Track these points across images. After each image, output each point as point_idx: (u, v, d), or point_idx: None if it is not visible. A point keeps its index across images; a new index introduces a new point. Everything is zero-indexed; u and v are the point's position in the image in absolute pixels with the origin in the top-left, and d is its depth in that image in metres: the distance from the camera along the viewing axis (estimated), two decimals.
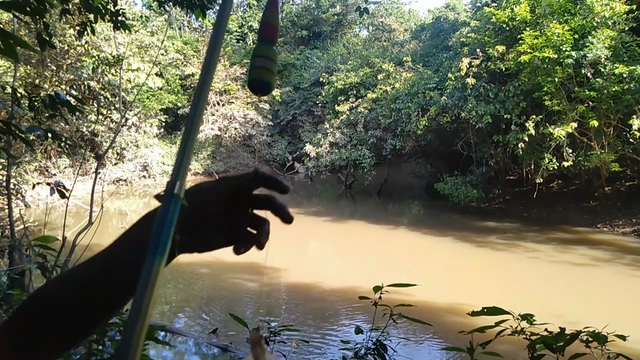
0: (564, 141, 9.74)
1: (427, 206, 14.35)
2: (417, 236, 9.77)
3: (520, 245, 8.52)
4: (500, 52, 10.84)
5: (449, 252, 8.39)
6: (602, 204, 10.81)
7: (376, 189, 16.88)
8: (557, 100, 9.80)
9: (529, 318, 1.54)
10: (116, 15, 3.04)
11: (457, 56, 13.07)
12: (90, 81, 11.22)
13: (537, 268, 7.15)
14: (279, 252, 8.25)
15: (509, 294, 5.94)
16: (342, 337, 4.43)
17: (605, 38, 9.03)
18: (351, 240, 9.40)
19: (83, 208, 10.78)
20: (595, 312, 5.12)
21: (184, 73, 20.56)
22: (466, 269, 7.41)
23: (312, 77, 21.91)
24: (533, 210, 11.86)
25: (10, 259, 3.30)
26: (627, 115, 9.13)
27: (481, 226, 10.46)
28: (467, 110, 11.41)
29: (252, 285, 6.45)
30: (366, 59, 18.88)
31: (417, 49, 19.99)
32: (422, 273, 6.97)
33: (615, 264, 7.27)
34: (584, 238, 9.12)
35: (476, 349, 1.54)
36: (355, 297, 4.23)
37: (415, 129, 12.97)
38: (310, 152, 17.10)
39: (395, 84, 15.01)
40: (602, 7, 9.37)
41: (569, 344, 1.37)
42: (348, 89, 17.65)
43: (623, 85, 8.65)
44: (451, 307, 5.17)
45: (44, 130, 2.22)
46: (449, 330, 4.42)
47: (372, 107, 15.76)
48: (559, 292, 6.17)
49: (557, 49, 9.20)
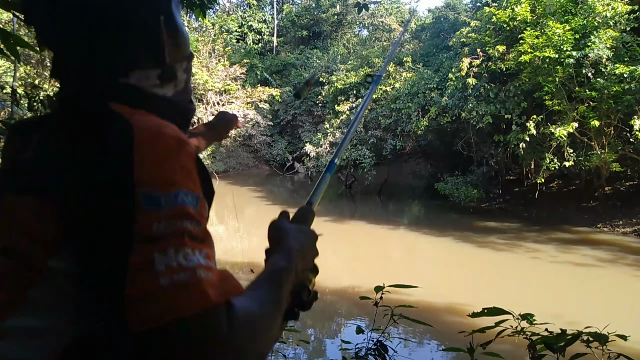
0: (565, 141, 9.74)
1: (428, 206, 14.35)
2: (418, 236, 9.77)
3: (520, 245, 8.52)
4: (501, 52, 10.84)
5: (450, 251, 8.38)
6: (602, 204, 10.80)
7: (376, 189, 16.88)
8: (558, 100, 9.80)
9: (529, 318, 1.54)
10: None
11: (458, 56, 13.06)
12: None
13: (537, 268, 7.15)
14: None
15: (510, 294, 5.94)
16: (343, 337, 4.43)
17: (607, 38, 9.03)
18: (351, 240, 9.39)
19: None
20: (595, 312, 5.12)
21: None
22: (466, 269, 7.41)
23: None
24: (533, 210, 11.86)
25: None
26: (628, 115, 9.13)
27: (481, 226, 10.45)
28: (467, 111, 11.40)
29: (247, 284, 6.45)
30: (366, 59, 18.87)
31: (417, 49, 19.98)
32: (423, 273, 6.97)
33: (616, 264, 7.26)
34: (585, 238, 9.12)
35: (476, 350, 1.54)
36: (356, 297, 4.23)
37: (416, 129, 12.96)
38: (310, 152, 17.09)
39: (396, 84, 15.00)
40: (604, 7, 9.37)
41: (570, 344, 1.36)
42: (348, 89, 17.64)
43: (624, 85, 8.65)
44: (451, 307, 5.17)
45: None
46: (449, 331, 4.42)
47: (372, 107, 15.74)
48: (560, 292, 6.17)
49: (557, 49, 9.19)
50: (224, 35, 24.81)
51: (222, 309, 0.48)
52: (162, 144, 0.52)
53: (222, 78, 20.76)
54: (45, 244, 0.50)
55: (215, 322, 0.47)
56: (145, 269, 0.46)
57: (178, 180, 0.50)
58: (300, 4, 30.56)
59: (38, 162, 0.54)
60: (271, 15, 29.94)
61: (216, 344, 0.46)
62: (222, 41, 23.25)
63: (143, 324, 0.45)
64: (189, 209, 0.50)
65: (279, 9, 30.64)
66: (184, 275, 0.46)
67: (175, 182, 0.50)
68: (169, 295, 0.45)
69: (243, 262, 7.24)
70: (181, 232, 0.48)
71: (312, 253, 0.73)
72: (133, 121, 0.52)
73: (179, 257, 0.47)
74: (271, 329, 0.56)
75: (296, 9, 30.00)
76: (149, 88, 0.63)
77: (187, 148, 0.54)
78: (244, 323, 0.50)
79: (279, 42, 28.53)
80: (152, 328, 0.44)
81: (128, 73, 0.61)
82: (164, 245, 0.47)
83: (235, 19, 28.04)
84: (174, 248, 0.47)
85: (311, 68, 22.75)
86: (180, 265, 0.46)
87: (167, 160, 0.51)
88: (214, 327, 0.47)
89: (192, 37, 25.58)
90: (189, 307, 0.46)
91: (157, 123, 0.54)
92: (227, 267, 5.22)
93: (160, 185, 0.49)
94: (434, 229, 10.10)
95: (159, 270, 0.46)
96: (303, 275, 0.70)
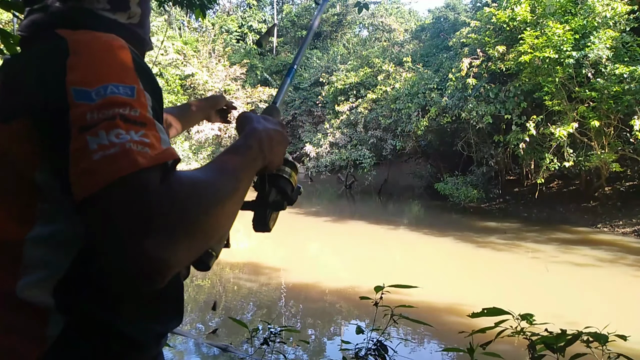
0: (565, 141, 9.74)
1: (428, 206, 14.34)
2: (418, 236, 9.77)
3: (520, 245, 8.52)
4: (501, 52, 10.84)
5: (450, 252, 8.38)
6: (602, 204, 10.80)
7: (376, 189, 16.87)
8: (558, 100, 9.80)
9: (528, 318, 1.54)
10: None
11: (458, 56, 13.07)
12: None
13: (537, 268, 7.14)
14: (279, 253, 8.25)
15: (510, 294, 5.94)
16: (343, 338, 4.43)
17: (607, 38, 9.03)
18: (351, 240, 9.39)
19: None
20: (596, 312, 5.12)
21: (184, 73, 20.53)
22: (466, 269, 7.41)
23: (312, 77, 21.90)
24: (533, 210, 11.86)
25: None
26: (628, 115, 9.13)
27: (481, 226, 10.45)
28: (467, 111, 11.40)
29: (252, 285, 6.45)
30: (366, 59, 18.87)
31: (417, 49, 19.98)
32: (422, 273, 6.97)
33: (616, 264, 7.26)
34: (585, 238, 9.12)
35: (476, 350, 1.54)
36: (355, 297, 4.23)
37: (416, 129, 12.97)
38: (310, 152, 17.10)
39: (396, 84, 15.01)
40: (604, 8, 9.37)
41: (570, 344, 1.36)
42: (348, 89, 17.64)
43: (624, 85, 8.65)
44: (451, 307, 5.16)
45: None
46: (449, 331, 4.42)
47: (372, 107, 15.75)
48: (560, 292, 6.17)
49: (557, 49, 9.19)
50: (224, 35, 24.83)
51: (152, 173, 0.52)
52: (93, 48, 0.59)
53: (222, 78, 20.76)
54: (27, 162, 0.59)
55: (144, 183, 0.51)
56: (81, 150, 0.52)
57: (107, 75, 0.57)
58: (300, 4, 30.56)
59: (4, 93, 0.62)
60: (271, 16, 29.96)
61: (146, 203, 0.50)
62: (222, 41, 23.27)
63: (81, 192, 0.50)
64: (120, 98, 0.55)
65: (279, 9, 30.66)
66: (114, 149, 0.51)
67: (104, 77, 0.56)
68: (101, 166, 0.50)
69: (243, 262, 7.24)
70: (112, 116, 0.53)
71: (279, 138, 0.74)
72: (69, 38, 0.60)
73: (111, 136, 0.52)
74: (222, 195, 0.57)
75: (296, 9, 30.00)
76: (98, 11, 0.69)
77: (119, 47, 0.60)
78: (185, 184, 0.54)
79: (278, 42, 28.54)
80: (86, 197, 0.50)
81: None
82: (96, 129, 0.52)
83: (235, 19, 28.06)
84: (105, 130, 0.52)
85: (311, 68, 22.76)
86: (111, 142, 0.52)
87: (97, 60, 0.58)
88: (142, 187, 0.50)
89: (192, 37, 25.60)
90: (116, 173, 0.50)
91: (94, 34, 0.62)
92: (226, 267, 5.20)
93: (91, 81, 0.55)
94: (434, 229, 10.10)
95: (92, 149, 0.51)
96: (277, 159, 0.74)
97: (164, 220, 0.49)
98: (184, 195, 0.52)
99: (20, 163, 0.59)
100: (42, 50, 0.61)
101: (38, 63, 0.59)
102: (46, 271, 0.59)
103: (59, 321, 0.59)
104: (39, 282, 0.59)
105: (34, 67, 0.60)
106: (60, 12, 0.66)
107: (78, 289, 0.60)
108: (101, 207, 0.50)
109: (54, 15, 0.66)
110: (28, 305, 0.59)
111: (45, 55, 0.60)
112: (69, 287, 0.60)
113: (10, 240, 0.60)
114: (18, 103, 0.59)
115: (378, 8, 27.76)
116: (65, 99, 0.54)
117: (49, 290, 0.59)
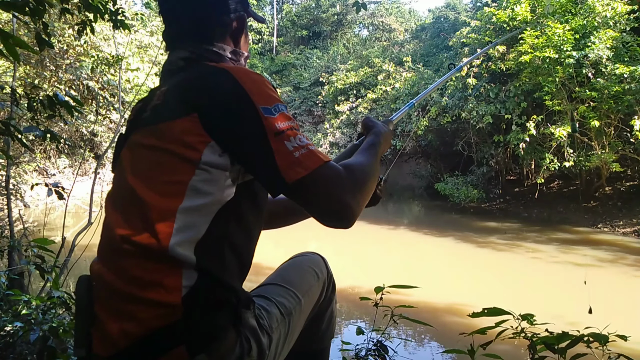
0: (565, 141, 9.73)
1: (428, 206, 14.34)
2: (418, 236, 9.76)
3: (521, 245, 8.51)
4: (501, 52, 10.83)
5: (450, 252, 8.37)
6: (602, 204, 10.80)
7: None
8: (558, 100, 9.79)
9: (529, 318, 1.53)
10: (116, 14, 3.02)
11: (458, 56, 13.06)
12: (89, 81, 11.20)
13: (538, 268, 7.14)
14: (279, 253, 8.23)
15: (510, 294, 5.93)
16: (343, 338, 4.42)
17: (607, 38, 9.01)
18: (351, 241, 9.39)
19: (82, 208, 10.77)
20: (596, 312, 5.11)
21: None
22: (467, 269, 7.40)
23: (312, 77, 21.88)
24: (533, 210, 11.86)
25: (9, 259, 3.29)
26: (628, 115, 9.12)
27: (482, 226, 10.45)
28: (467, 111, 11.40)
29: (252, 285, 6.42)
30: (366, 58, 18.86)
31: (417, 48, 19.96)
32: (423, 273, 6.96)
33: (616, 264, 7.25)
34: (585, 238, 9.11)
35: (477, 351, 1.53)
36: (355, 298, 4.22)
37: (416, 129, 12.96)
38: None
39: (396, 84, 15.00)
40: (604, 7, 9.36)
41: (572, 346, 1.36)
42: (348, 88, 17.63)
43: (624, 85, 8.63)
44: (451, 307, 5.16)
45: (42, 130, 2.20)
46: (449, 331, 4.41)
47: (372, 107, 15.74)
48: (560, 292, 6.16)
49: (558, 49, 9.18)
50: None
51: (331, 162, 0.85)
52: (253, 77, 0.87)
53: None
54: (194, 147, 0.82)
55: (334, 167, 0.85)
56: (283, 150, 0.81)
57: (274, 97, 0.86)
58: (300, 4, 30.55)
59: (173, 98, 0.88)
60: (271, 15, 29.92)
61: (342, 178, 0.84)
62: None
63: (293, 177, 0.80)
64: (286, 113, 0.85)
65: (278, 8, 30.64)
66: (304, 150, 0.82)
67: (273, 99, 0.85)
68: (302, 160, 0.81)
69: None
70: (290, 127, 0.84)
71: (389, 139, 1.18)
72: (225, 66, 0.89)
73: (297, 141, 0.82)
74: (373, 172, 0.96)
75: (296, 8, 30.00)
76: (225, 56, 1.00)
77: (263, 77, 0.90)
78: (354, 168, 0.90)
79: (278, 42, 28.53)
80: (298, 178, 0.80)
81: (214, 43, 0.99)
82: (287, 135, 0.82)
83: None
84: (292, 136, 0.82)
85: (311, 68, 22.74)
86: (300, 144, 0.82)
87: (262, 86, 0.86)
88: (336, 168, 0.84)
89: None
90: (315, 163, 0.82)
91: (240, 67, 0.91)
92: None
93: (268, 102, 0.84)
94: (434, 229, 10.10)
95: (291, 149, 0.81)
96: (385, 151, 1.14)
97: (352, 187, 0.85)
98: (357, 172, 0.89)
99: (188, 149, 0.81)
100: (207, 71, 0.89)
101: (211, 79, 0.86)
102: (191, 232, 0.80)
103: (192, 275, 0.80)
104: (186, 241, 0.80)
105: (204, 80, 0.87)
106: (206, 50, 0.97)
107: (209, 249, 0.82)
108: (314, 182, 0.81)
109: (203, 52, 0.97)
110: (175, 259, 0.79)
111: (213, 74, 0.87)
112: (203, 248, 0.81)
113: (166, 210, 0.81)
114: (190, 103, 0.84)
115: (378, 8, 27.75)
116: (257, 113, 0.82)
117: (192, 248, 0.80)
